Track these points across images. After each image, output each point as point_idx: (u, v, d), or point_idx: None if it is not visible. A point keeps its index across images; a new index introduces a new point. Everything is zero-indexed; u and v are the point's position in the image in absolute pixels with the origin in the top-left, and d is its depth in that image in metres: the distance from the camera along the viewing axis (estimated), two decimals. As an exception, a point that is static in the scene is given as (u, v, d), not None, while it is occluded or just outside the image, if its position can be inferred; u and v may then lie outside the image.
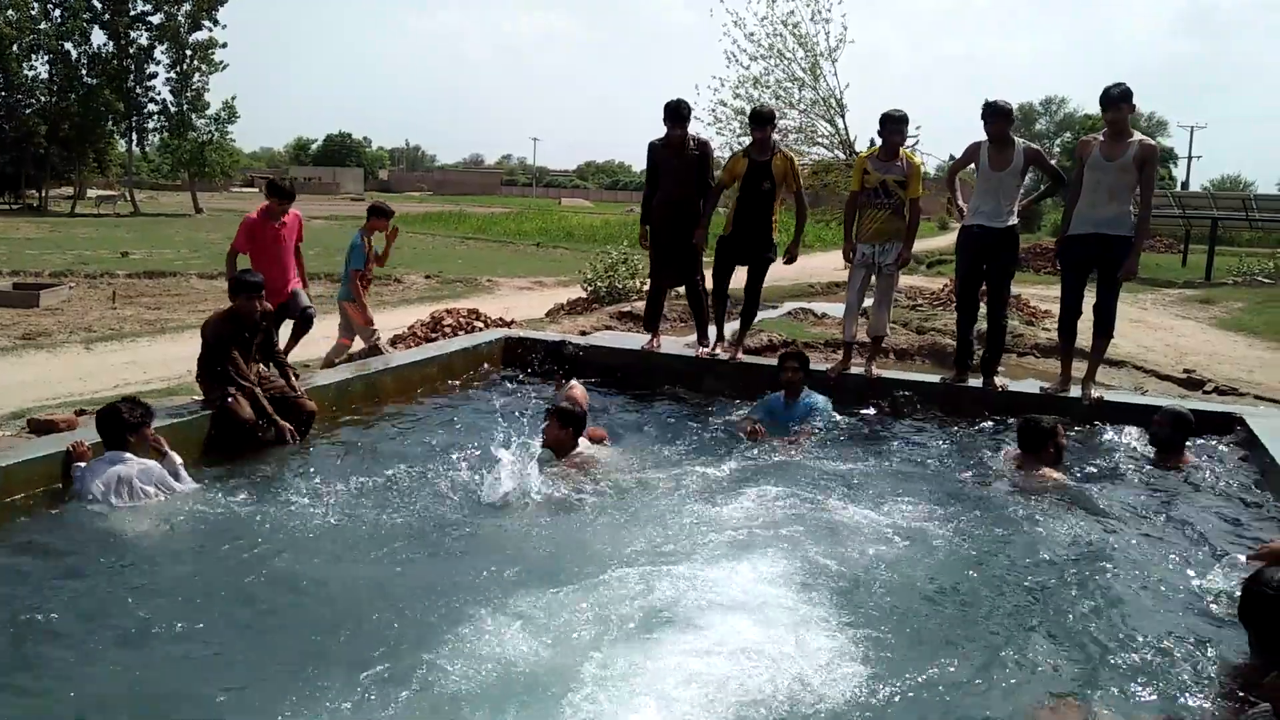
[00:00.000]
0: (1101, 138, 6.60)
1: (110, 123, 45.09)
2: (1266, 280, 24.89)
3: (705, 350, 7.90)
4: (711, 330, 8.01)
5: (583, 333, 9.96)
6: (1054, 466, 5.45)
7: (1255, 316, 17.21)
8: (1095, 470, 5.69)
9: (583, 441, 5.55)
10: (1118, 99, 6.45)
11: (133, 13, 43.44)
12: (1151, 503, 5.17)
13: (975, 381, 7.15)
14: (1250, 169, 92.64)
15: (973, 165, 7.15)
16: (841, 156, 18.49)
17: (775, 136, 7.71)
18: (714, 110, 17.95)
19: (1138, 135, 6.56)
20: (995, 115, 6.86)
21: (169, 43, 44.30)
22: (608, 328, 11.02)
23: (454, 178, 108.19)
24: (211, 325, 5.68)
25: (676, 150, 7.64)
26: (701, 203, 7.73)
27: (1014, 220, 6.99)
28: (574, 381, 6.91)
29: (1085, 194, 6.63)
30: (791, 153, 8.66)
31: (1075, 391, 6.79)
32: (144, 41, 44.29)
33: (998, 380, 7.15)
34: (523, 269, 22.39)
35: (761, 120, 7.56)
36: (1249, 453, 5.91)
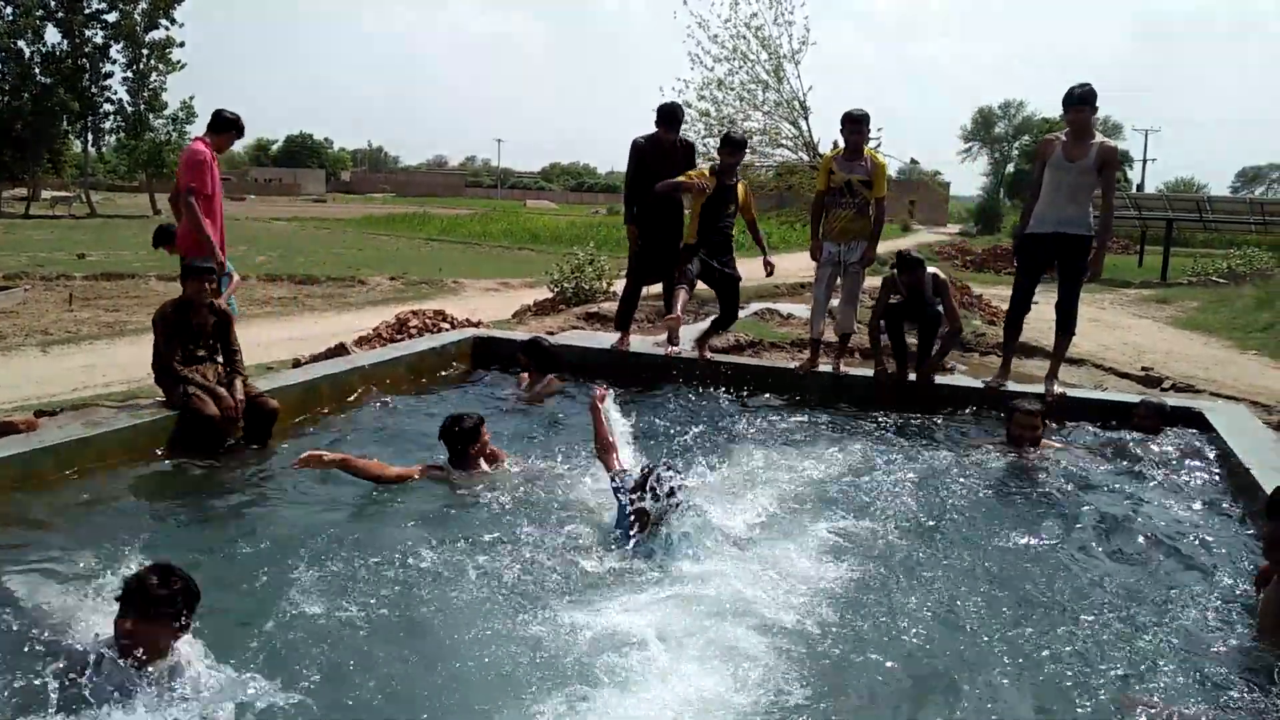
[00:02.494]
0: (1064, 138, 6.70)
1: (65, 122, 44.21)
2: (1220, 280, 25.38)
3: (674, 349, 7.92)
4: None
5: (550, 333, 9.93)
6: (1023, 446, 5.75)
7: (1210, 316, 17.56)
8: (1087, 460, 5.84)
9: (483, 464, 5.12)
10: (1080, 100, 6.55)
11: (87, 11, 42.67)
12: (1141, 488, 5.39)
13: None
14: (1203, 172, 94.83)
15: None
16: (805, 159, 18.64)
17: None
18: (678, 112, 18.03)
19: (1099, 137, 6.67)
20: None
21: (125, 41, 43.55)
22: (575, 328, 11.00)
23: (418, 179, 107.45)
24: (158, 316, 5.59)
25: (664, 149, 7.66)
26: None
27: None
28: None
29: (1046, 193, 6.74)
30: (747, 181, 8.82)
31: (1039, 388, 6.91)
32: (99, 40, 43.49)
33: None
34: (488, 270, 22.27)
35: (735, 146, 7.65)
36: (1208, 444, 6.07)
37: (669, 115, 7.63)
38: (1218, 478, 5.56)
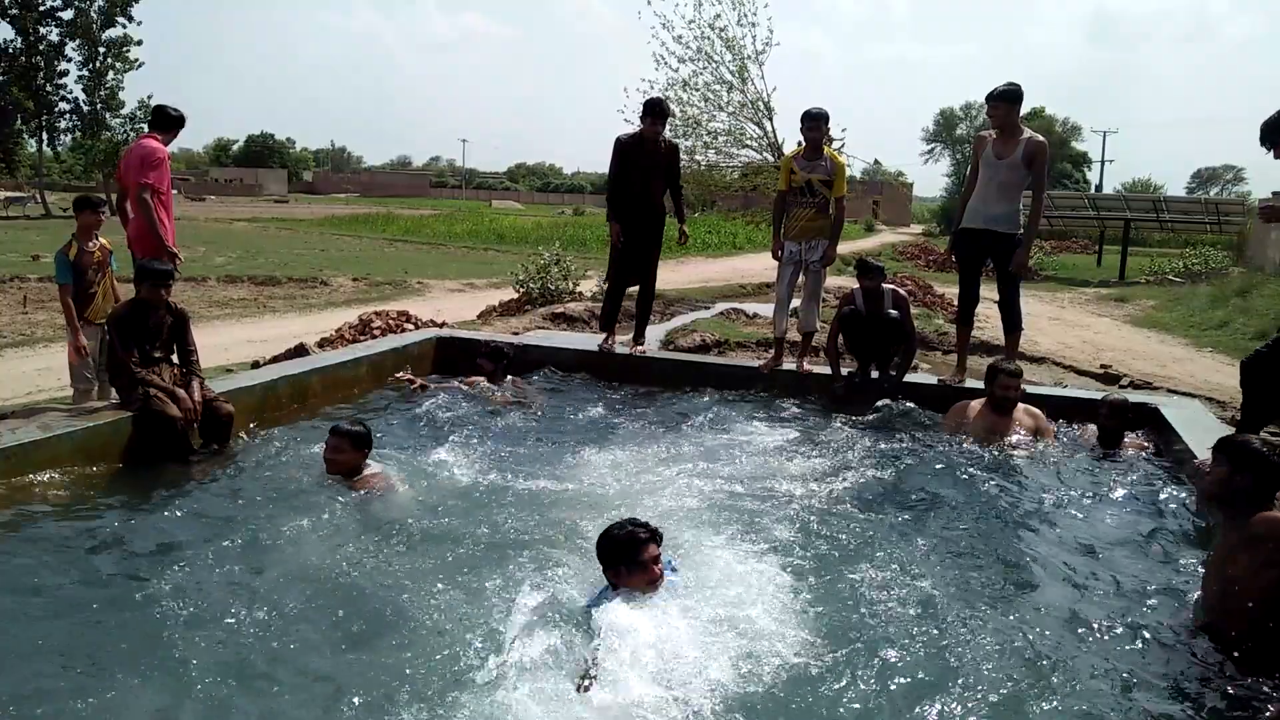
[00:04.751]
0: (994, 134, 6.81)
1: (19, 121, 43.34)
2: (1177, 279, 25.81)
3: (640, 348, 7.92)
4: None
5: (515, 334, 9.89)
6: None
7: (1166, 314, 17.87)
8: (1053, 455, 5.90)
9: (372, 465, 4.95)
10: (999, 97, 6.67)
11: (42, 7, 41.86)
12: (1107, 482, 5.45)
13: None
14: (1159, 173, 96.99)
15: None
16: (770, 159, 18.70)
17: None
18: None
19: (1028, 132, 6.77)
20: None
21: (81, 39, 42.73)
22: (541, 329, 10.96)
23: (381, 179, 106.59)
24: (112, 317, 5.52)
25: (649, 148, 7.61)
26: (671, 201, 7.94)
27: None
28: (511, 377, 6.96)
29: (979, 189, 6.88)
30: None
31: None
32: (54, 38, 42.67)
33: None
34: (453, 271, 22.15)
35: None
36: (1164, 439, 6.18)
37: (655, 107, 7.55)
38: (1173, 471, 5.65)
